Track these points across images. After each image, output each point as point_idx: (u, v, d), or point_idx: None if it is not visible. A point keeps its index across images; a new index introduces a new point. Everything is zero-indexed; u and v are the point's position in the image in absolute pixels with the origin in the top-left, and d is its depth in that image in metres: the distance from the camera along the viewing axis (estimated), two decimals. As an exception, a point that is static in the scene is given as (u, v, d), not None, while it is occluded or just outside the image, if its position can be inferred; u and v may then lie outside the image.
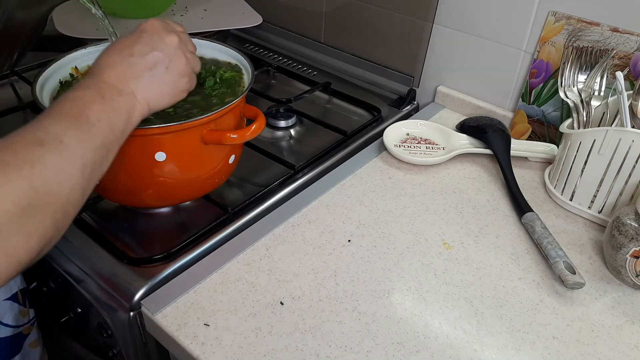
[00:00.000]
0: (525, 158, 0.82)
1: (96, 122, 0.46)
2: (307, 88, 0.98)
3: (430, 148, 0.82)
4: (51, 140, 0.42)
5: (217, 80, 0.67)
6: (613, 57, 0.74)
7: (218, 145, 0.62)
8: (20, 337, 0.69)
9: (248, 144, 0.79)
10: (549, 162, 0.80)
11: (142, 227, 0.68)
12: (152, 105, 0.53)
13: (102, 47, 0.70)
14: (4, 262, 0.37)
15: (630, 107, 0.66)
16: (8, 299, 0.66)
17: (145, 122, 0.59)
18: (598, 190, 0.69)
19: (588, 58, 0.75)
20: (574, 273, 0.59)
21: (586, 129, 0.68)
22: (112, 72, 0.50)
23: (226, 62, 0.71)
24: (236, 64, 0.70)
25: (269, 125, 0.87)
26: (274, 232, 0.67)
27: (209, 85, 0.66)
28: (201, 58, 0.70)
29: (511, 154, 0.79)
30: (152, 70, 0.53)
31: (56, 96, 0.63)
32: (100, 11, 0.62)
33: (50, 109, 0.45)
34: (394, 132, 0.84)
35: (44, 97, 0.60)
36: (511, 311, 0.58)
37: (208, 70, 0.68)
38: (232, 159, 0.67)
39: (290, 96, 0.93)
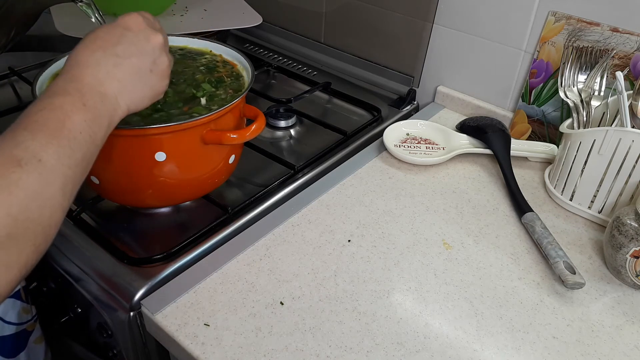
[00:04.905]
0: (525, 158, 0.82)
1: (78, 135, 0.42)
2: (307, 88, 0.98)
3: (430, 148, 0.82)
4: (29, 160, 0.38)
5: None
6: (613, 57, 0.74)
7: (218, 145, 0.62)
8: (25, 334, 0.69)
9: (248, 144, 0.79)
10: (549, 162, 0.80)
11: (142, 227, 0.68)
12: (132, 109, 0.50)
13: None
14: None
15: (630, 107, 0.66)
16: (11, 297, 0.66)
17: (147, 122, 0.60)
18: (598, 190, 0.69)
19: (588, 58, 0.75)
20: (574, 273, 0.59)
21: (586, 129, 0.68)
22: (94, 72, 0.46)
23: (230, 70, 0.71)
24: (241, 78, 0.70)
25: (269, 125, 0.87)
26: (274, 232, 0.67)
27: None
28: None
29: (511, 154, 0.79)
30: (137, 73, 0.49)
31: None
32: (100, 18, 0.62)
33: (26, 119, 0.41)
34: (394, 132, 0.84)
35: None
36: (511, 311, 0.58)
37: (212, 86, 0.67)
38: (232, 159, 0.67)
39: (290, 96, 0.93)
